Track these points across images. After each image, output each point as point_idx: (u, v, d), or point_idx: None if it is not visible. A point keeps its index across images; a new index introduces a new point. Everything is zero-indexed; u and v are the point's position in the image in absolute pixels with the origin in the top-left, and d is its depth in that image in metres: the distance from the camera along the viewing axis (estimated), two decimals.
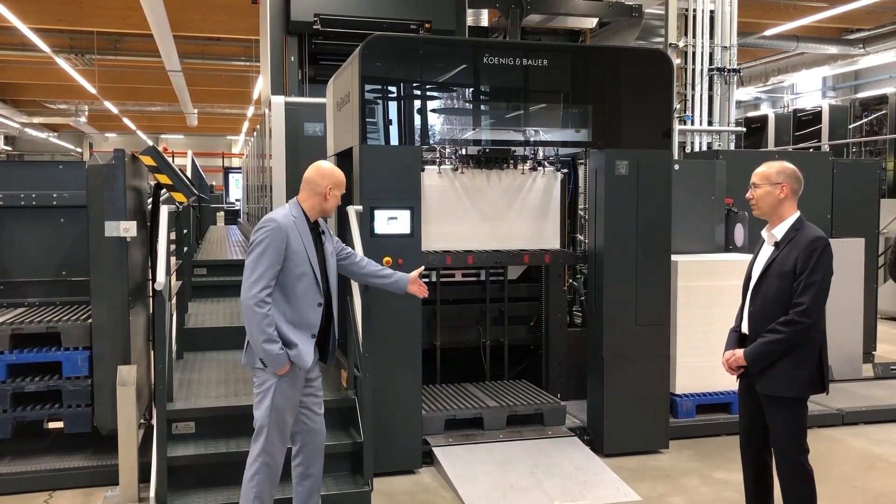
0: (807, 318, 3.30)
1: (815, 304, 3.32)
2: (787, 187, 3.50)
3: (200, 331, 5.96)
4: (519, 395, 5.61)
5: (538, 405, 5.39)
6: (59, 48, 15.66)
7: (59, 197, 5.11)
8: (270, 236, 3.41)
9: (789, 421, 3.43)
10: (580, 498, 4.47)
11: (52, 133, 32.13)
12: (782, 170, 3.52)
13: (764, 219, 3.60)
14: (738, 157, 7.28)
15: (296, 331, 3.47)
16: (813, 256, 3.33)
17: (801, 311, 3.31)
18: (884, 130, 12.93)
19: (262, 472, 3.52)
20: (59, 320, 4.64)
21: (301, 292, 3.47)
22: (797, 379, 3.39)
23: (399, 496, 4.52)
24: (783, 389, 3.41)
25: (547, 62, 5.09)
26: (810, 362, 3.39)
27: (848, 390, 6.55)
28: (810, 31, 14.81)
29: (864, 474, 4.93)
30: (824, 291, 3.34)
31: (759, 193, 3.54)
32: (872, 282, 7.64)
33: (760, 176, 3.55)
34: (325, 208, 3.63)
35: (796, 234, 3.44)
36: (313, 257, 3.50)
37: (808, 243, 3.36)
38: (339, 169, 3.75)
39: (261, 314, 3.35)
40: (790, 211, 3.51)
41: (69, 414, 4.59)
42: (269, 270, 3.38)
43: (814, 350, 3.40)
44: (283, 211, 3.55)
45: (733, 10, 8.89)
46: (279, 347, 3.38)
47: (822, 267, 3.34)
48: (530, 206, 5.56)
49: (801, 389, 3.41)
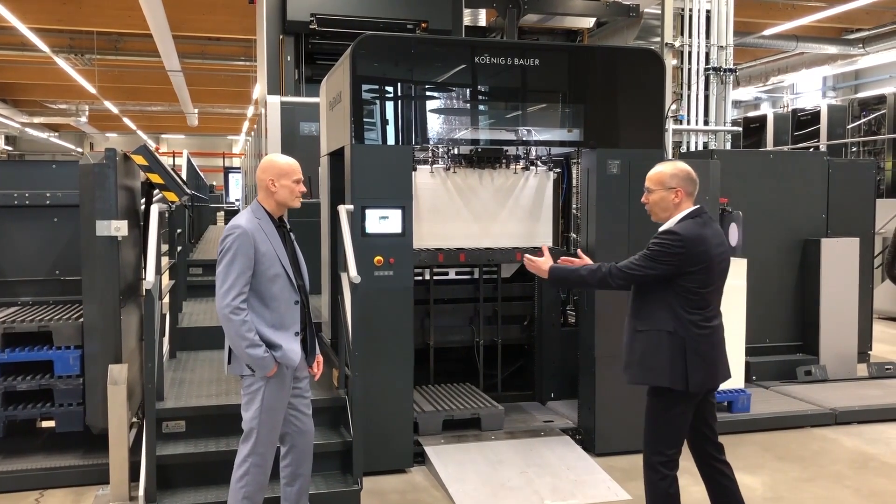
0: (623, 268, 3.42)
1: (631, 267, 3.40)
2: (682, 191, 3.42)
3: (194, 330, 5.96)
4: (460, 398, 5.54)
5: (475, 409, 5.34)
6: (59, 48, 15.71)
7: (53, 196, 5.12)
8: (237, 242, 3.37)
9: (647, 417, 3.51)
10: (571, 497, 4.47)
11: (52, 133, 32.20)
12: (675, 173, 3.42)
13: (660, 223, 3.53)
14: (732, 156, 7.29)
15: (278, 332, 3.45)
16: (654, 240, 3.40)
17: (618, 264, 3.44)
18: (882, 130, 12.92)
19: (251, 472, 3.51)
20: (51, 319, 4.66)
21: (277, 293, 3.45)
22: (658, 369, 3.41)
23: (389, 495, 4.53)
24: (634, 376, 3.51)
25: (539, 62, 5.09)
26: (656, 352, 3.40)
27: (842, 390, 6.54)
28: (810, 30, 14.80)
29: (856, 473, 4.92)
30: (647, 265, 3.37)
31: (653, 199, 3.47)
32: (868, 281, 7.64)
33: (654, 180, 3.46)
34: (278, 201, 3.53)
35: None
36: (283, 256, 3.48)
37: (658, 233, 3.42)
38: (293, 158, 3.62)
39: (238, 321, 3.34)
40: (684, 209, 3.45)
41: (61, 413, 4.60)
42: (240, 277, 3.35)
43: (661, 341, 3.39)
44: (247, 214, 3.51)
45: (729, 9, 8.89)
46: (263, 350, 3.37)
47: (658, 250, 3.35)
48: (523, 206, 5.57)
49: (649, 377, 3.45)
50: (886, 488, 4.69)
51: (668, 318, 3.38)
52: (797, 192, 7.17)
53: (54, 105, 24.52)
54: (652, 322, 3.42)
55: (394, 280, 4.81)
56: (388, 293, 4.81)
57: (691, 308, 3.38)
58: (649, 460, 3.48)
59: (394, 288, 4.82)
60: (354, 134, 4.78)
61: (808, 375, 6.81)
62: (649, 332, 3.44)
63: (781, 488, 4.67)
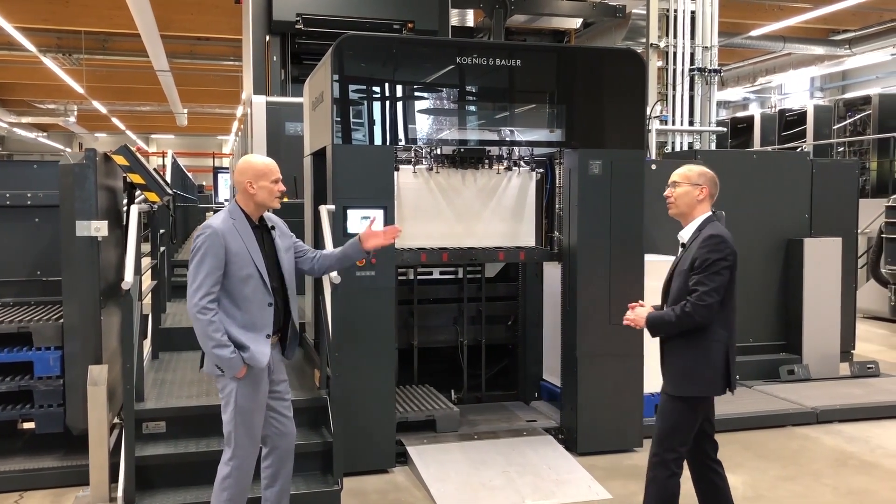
0: (698, 302, 3.31)
1: (706, 295, 3.32)
2: (707, 190, 3.52)
3: (177, 331, 5.95)
4: (416, 400, 5.52)
5: (430, 411, 5.33)
6: (46, 48, 15.61)
7: (34, 197, 5.10)
8: (207, 243, 3.37)
9: (669, 416, 3.47)
10: (551, 496, 4.49)
11: (41, 133, 32.04)
12: (703, 173, 3.56)
13: (678, 218, 3.61)
14: (716, 157, 7.32)
15: (248, 333, 3.43)
16: (706, 251, 3.36)
17: (691, 300, 3.34)
18: (868, 131, 13.01)
19: (233, 475, 3.51)
20: (32, 320, 4.64)
21: (249, 294, 3.44)
22: (691, 378, 3.41)
23: (371, 495, 4.53)
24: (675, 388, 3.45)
25: (521, 62, 5.11)
26: (706, 362, 3.39)
27: (824, 389, 6.59)
28: (797, 31, 14.88)
29: (835, 471, 4.96)
30: (718, 282, 3.34)
31: (678, 192, 3.56)
32: (852, 281, 7.68)
33: (681, 175, 3.57)
34: (258, 203, 3.52)
35: (699, 234, 3.47)
36: (258, 257, 3.46)
37: (704, 239, 3.40)
38: (271, 159, 3.60)
39: (205, 321, 3.34)
40: (702, 213, 3.53)
41: (41, 414, 4.58)
42: (208, 277, 3.35)
43: (714, 349, 3.39)
44: (222, 215, 3.51)
45: (714, 10, 8.93)
46: (231, 351, 3.36)
47: (716, 261, 3.35)
48: (506, 206, 5.58)
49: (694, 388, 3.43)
50: (865, 486, 4.72)
51: (717, 327, 3.40)
52: (781, 192, 7.21)
53: (42, 105, 24.40)
54: (703, 333, 3.40)
55: (376, 280, 4.82)
56: (370, 293, 4.81)
57: (729, 310, 3.43)
58: (662, 458, 3.46)
59: (376, 288, 4.82)
60: (336, 134, 4.78)
61: (791, 375, 6.85)
62: (700, 343, 3.41)
63: (761, 487, 4.70)
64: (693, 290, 3.35)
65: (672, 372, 3.49)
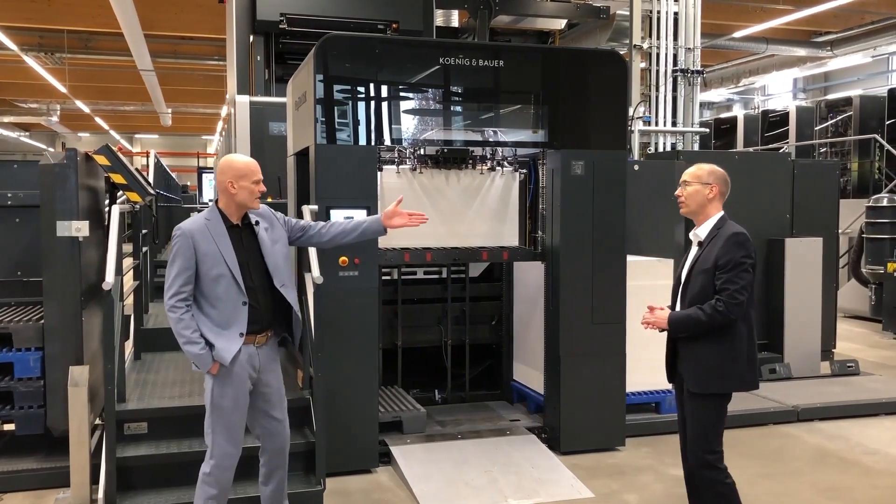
0: (731, 300, 3.32)
1: (738, 293, 3.34)
2: (717, 188, 3.56)
3: (160, 331, 5.92)
4: (383, 401, 5.50)
5: (397, 412, 5.33)
6: (28, 46, 15.49)
7: (14, 196, 5.05)
8: (178, 244, 3.46)
9: (702, 416, 3.48)
10: (534, 495, 4.51)
11: (23, 132, 31.75)
12: (713, 171, 3.59)
13: (690, 217, 3.66)
14: (698, 157, 7.36)
15: (221, 332, 3.46)
16: (731, 249, 3.38)
17: (723, 298, 3.34)
18: (849, 132, 13.14)
19: (213, 473, 3.53)
20: (12, 321, 4.60)
21: (222, 294, 3.46)
22: (721, 375, 3.43)
23: (354, 495, 4.53)
24: (706, 386, 3.45)
25: (503, 63, 5.12)
26: (735, 358, 3.43)
27: (805, 387, 6.65)
28: (780, 33, 15.02)
29: (814, 469, 5.01)
30: (746, 280, 3.37)
31: (688, 191, 3.59)
32: (833, 280, 7.77)
33: (692, 175, 3.60)
34: (238, 203, 3.53)
35: (718, 232, 3.49)
36: (230, 258, 3.47)
37: (727, 238, 3.42)
38: (252, 159, 3.61)
39: (174, 318, 3.42)
40: (715, 211, 3.57)
41: (21, 415, 4.53)
42: (178, 277, 3.43)
43: (739, 345, 3.43)
44: (196, 217, 3.57)
45: (697, 11, 9.00)
46: (200, 348, 3.41)
47: (742, 258, 3.37)
48: (489, 206, 5.59)
49: (726, 385, 3.46)
50: (843, 483, 4.77)
51: (739, 322, 3.41)
52: (762, 192, 7.28)
53: (24, 104, 24.17)
54: (728, 329, 3.41)
55: (359, 280, 4.82)
56: (353, 293, 4.81)
57: (749, 306, 3.44)
58: (706, 460, 3.46)
59: (359, 288, 4.82)
60: (319, 134, 4.78)
61: (773, 373, 6.91)
62: (725, 339, 3.42)
63: (740, 484, 4.64)
64: (724, 288, 3.35)
65: (698, 371, 3.47)
